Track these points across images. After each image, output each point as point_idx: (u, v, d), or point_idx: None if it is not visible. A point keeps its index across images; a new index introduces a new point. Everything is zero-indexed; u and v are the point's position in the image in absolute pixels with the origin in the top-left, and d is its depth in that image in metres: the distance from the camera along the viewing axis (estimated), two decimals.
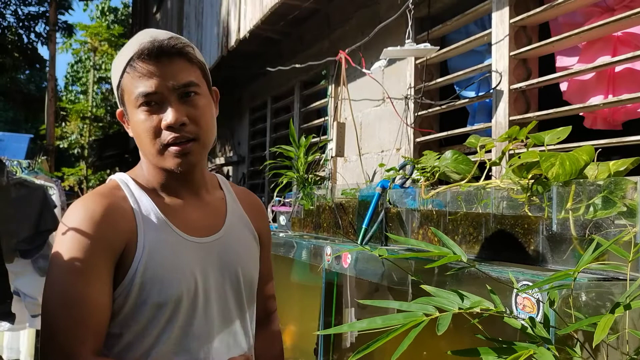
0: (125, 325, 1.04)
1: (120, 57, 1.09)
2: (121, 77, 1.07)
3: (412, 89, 2.77)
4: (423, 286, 0.88)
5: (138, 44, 1.05)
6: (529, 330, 0.82)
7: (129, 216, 1.05)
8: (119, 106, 1.14)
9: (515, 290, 0.98)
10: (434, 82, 2.67)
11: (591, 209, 1.12)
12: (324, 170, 3.43)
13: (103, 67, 21.87)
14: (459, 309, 0.80)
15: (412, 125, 2.75)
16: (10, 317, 2.55)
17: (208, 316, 1.10)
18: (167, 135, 1.04)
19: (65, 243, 1.00)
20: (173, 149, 1.05)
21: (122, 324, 1.04)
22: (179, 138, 1.05)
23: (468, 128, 2.45)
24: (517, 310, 0.98)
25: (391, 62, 2.87)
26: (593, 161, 1.22)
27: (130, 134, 1.13)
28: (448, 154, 1.61)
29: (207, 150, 1.13)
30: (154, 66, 1.04)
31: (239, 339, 1.16)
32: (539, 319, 0.92)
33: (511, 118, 2.13)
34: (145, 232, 1.05)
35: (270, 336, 1.38)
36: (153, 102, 1.04)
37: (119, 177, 1.14)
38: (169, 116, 1.03)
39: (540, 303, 0.94)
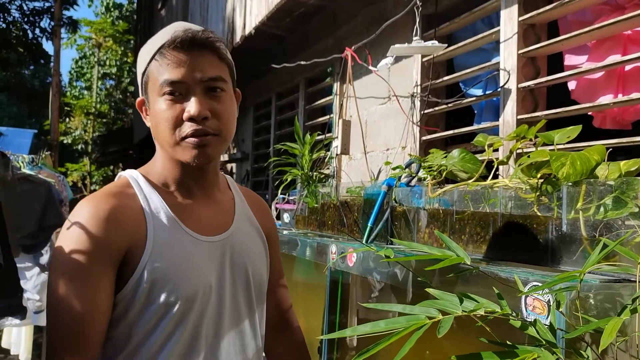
0: (134, 325, 1.02)
1: (149, 45, 1.07)
2: (148, 64, 1.06)
3: (419, 87, 2.76)
4: (428, 289, 0.87)
5: (171, 33, 1.03)
6: (535, 333, 0.81)
7: (136, 215, 1.03)
8: (140, 94, 1.11)
9: (522, 292, 0.96)
10: (440, 80, 2.66)
11: (602, 209, 1.11)
12: (328, 168, 3.42)
13: (107, 63, 21.89)
14: (463, 311, 0.78)
15: (418, 123, 2.74)
16: (22, 311, 2.55)
17: (219, 317, 1.08)
18: (187, 127, 1.02)
19: (66, 245, 0.98)
20: (191, 139, 1.02)
21: (130, 325, 1.02)
22: (199, 131, 1.02)
23: (475, 127, 2.43)
24: (527, 311, 0.97)
25: (397, 59, 2.85)
26: (604, 161, 1.20)
27: (148, 124, 1.11)
28: (455, 152, 1.59)
29: (225, 147, 1.10)
30: (185, 56, 1.02)
31: (247, 340, 1.15)
32: (549, 320, 0.90)
33: (519, 117, 2.11)
34: (155, 231, 1.03)
35: (294, 338, 1.37)
36: (177, 92, 1.02)
37: (129, 174, 1.11)
38: (192, 107, 1.01)
39: (550, 304, 0.92)
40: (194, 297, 1.03)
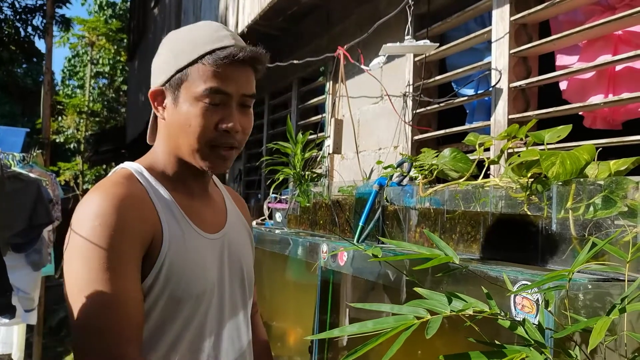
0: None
1: (194, 43, 1.04)
2: (192, 63, 1.02)
3: (411, 87, 2.76)
4: (416, 289, 0.87)
5: (221, 39, 1.03)
6: (524, 332, 0.81)
7: (151, 207, 1.01)
8: (159, 84, 1.06)
9: (511, 291, 0.96)
10: (432, 79, 2.66)
11: (591, 208, 1.11)
12: (320, 168, 3.41)
13: (100, 61, 21.74)
14: (451, 311, 0.78)
15: (410, 123, 2.74)
16: (11, 310, 2.54)
17: (221, 313, 1.10)
18: (219, 137, 1.03)
19: (90, 235, 0.90)
20: (221, 152, 1.04)
21: None
22: (229, 143, 1.04)
23: (466, 126, 2.43)
24: (516, 310, 0.96)
25: (390, 59, 2.85)
26: (593, 160, 1.20)
27: (159, 115, 1.08)
28: (446, 151, 1.59)
29: None
30: (236, 70, 1.03)
31: (242, 333, 1.17)
32: (537, 319, 0.90)
33: (510, 116, 2.11)
34: (168, 225, 1.01)
35: (260, 336, 1.38)
36: (218, 102, 1.02)
37: (132, 167, 1.07)
38: (232, 121, 1.03)
39: (539, 303, 0.92)
40: (202, 295, 1.04)
